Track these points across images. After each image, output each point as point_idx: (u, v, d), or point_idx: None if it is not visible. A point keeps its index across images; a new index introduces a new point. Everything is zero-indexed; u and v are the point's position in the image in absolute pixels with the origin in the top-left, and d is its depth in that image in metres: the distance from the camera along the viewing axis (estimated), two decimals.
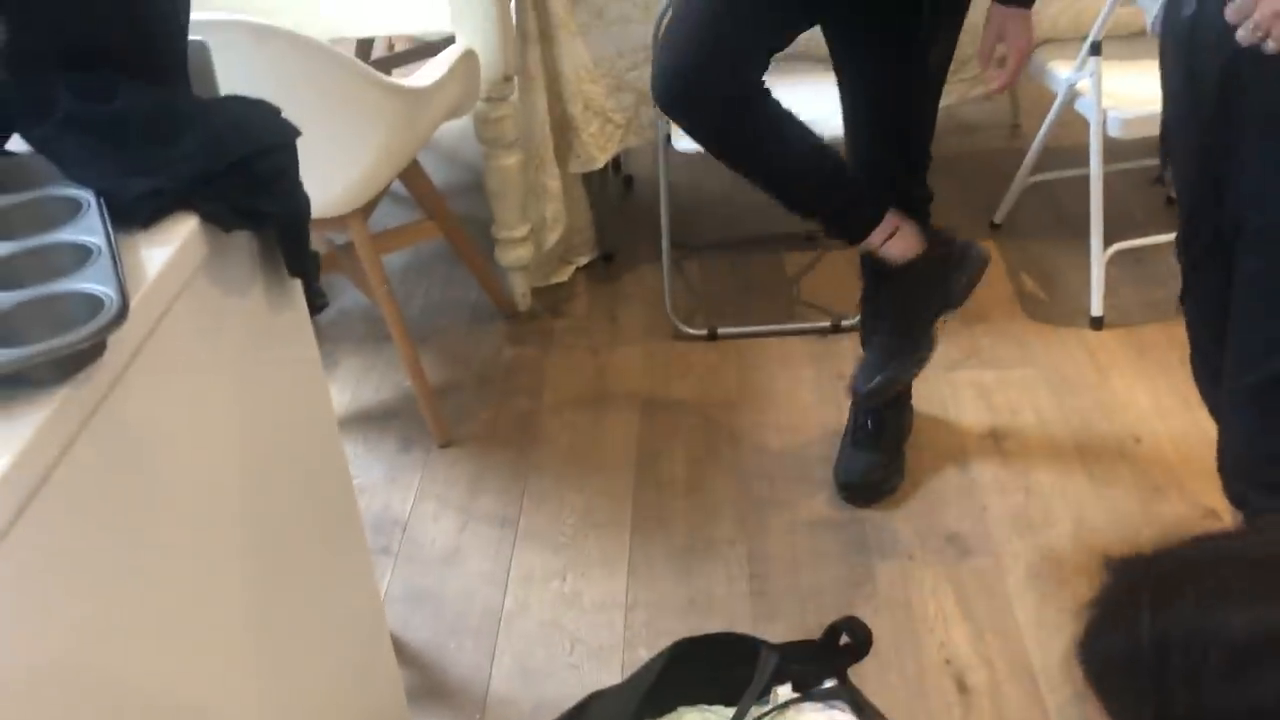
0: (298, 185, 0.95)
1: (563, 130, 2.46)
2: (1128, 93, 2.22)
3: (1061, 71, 2.33)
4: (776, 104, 1.69)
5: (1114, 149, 2.27)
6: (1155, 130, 1.40)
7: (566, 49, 2.36)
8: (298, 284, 1.09)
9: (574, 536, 1.95)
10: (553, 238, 2.53)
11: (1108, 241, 2.34)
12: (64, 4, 0.91)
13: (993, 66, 1.76)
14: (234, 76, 1.09)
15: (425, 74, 2.01)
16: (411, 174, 2.23)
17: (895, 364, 1.87)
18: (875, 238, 1.78)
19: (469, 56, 2.10)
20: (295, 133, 0.96)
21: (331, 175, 1.91)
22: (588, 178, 2.64)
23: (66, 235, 0.78)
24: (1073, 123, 2.37)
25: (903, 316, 1.89)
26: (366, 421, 2.26)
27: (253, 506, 1.00)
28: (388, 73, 3.08)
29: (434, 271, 2.74)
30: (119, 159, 0.85)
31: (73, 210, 0.81)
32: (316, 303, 1.14)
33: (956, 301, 1.89)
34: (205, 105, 0.95)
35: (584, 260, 2.69)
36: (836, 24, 1.75)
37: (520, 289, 2.54)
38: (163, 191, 0.83)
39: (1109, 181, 2.33)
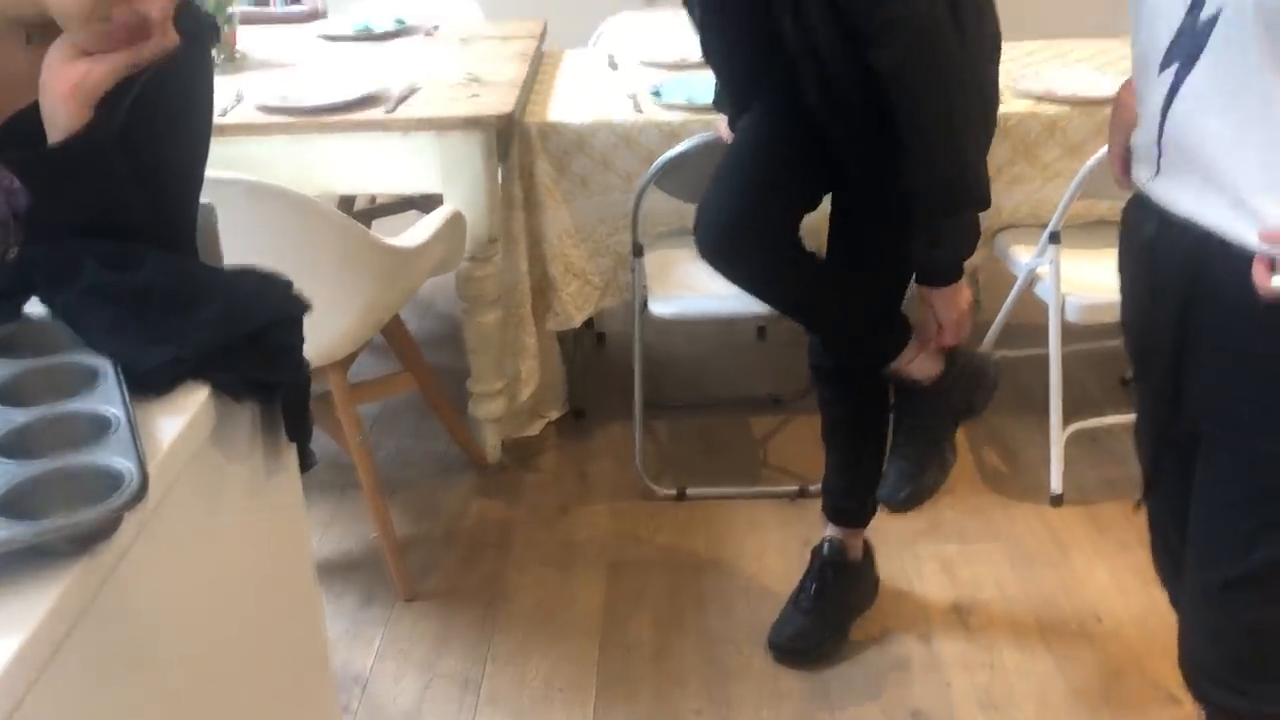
0: (303, 356, 0.98)
1: (542, 290, 2.52)
2: (1086, 279, 2.32)
3: (1022, 256, 2.43)
4: (808, 255, 1.80)
5: (1072, 329, 2.36)
6: (1113, 316, 1.45)
7: (551, 215, 2.44)
8: (293, 446, 1.11)
9: (537, 701, 1.92)
10: (526, 392, 2.57)
11: (1066, 420, 2.41)
12: (87, 177, 0.94)
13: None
14: (229, 231, 1.13)
15: (413, 234, 2.07)
16: (392, 326, 2.27)
17: (927, 475, 1.93)
18: (901, 361, 1.87)
19: (456, 219, 2.17)
20: (306, 307, 0.99)
21: (317, 329, 1.92)
22: (561, 334, 2.70)
23: (85, 405, 0.80)
24: (1032, 299, 2.47)
25: (930, 430, 1.95)
26: (329, 573, 2.24)
27: (236, 664, 0.99)
28: (369, 224, 3.16)
29: (404, 420, 2.76)
30: (139, 327, 0.87)
31: (90, 378, 0.83)
32: (307, 462, 1.15)
33: (977, 411, 1.97)
34: (223, 275, 0.98)
35: (555, 414, 2.72)
36: (848, 198, 1.87)
37: (491, 442, 2.56)
38: (181, 360, 0.85)
39: (1068, 361, 2.42)
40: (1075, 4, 3.95)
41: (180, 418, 0.84)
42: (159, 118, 0.99)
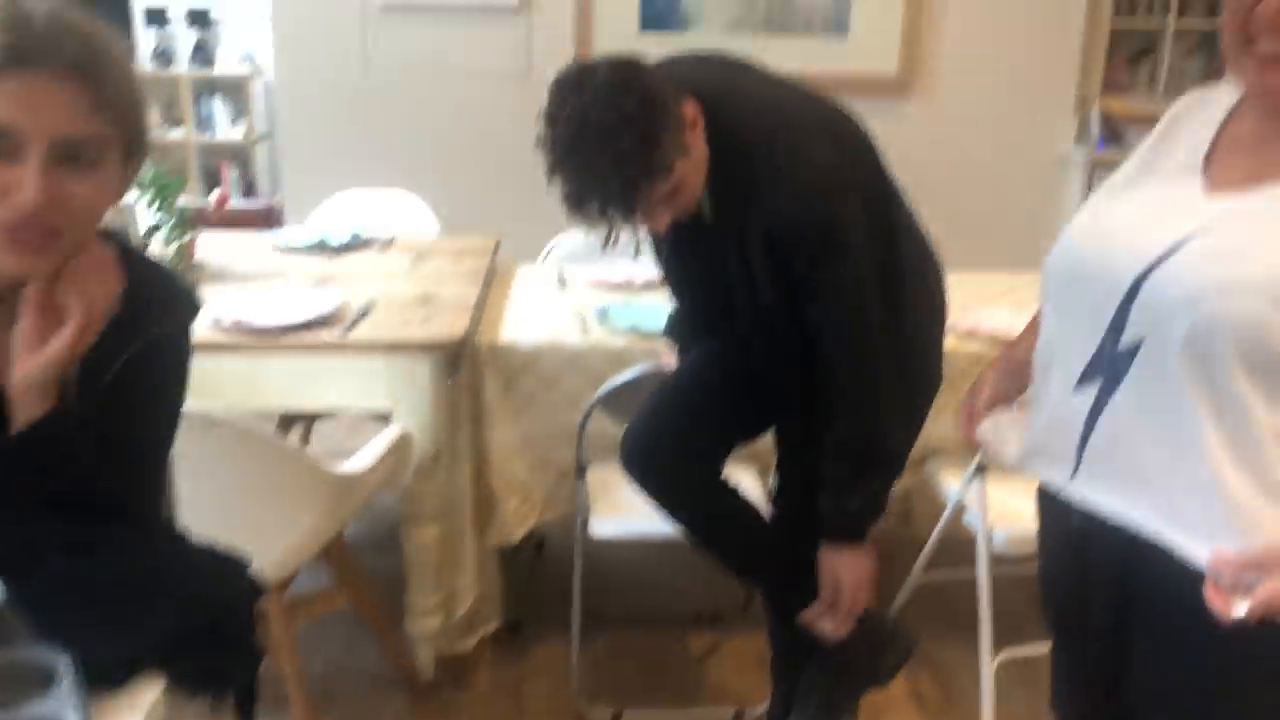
0: (256, 641, 0.99)
1: (483, 504, 2.54)
2: (1014, 509, 2.39)
3: (951, 483, 2.51)
4: (730, 490, 1.85)
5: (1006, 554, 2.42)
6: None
7: (496, 430, 2.49)
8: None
9: None
10: (463, 607, 2.56)
11: (997, 647, 2.45)
12: (48, 461, 0.97)
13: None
14: (180, 461, 1.15)
15: (360, 457, 2.10)
16: (331, 544, 2.27)
17: None
18: (810, 614, 1.88)
19: (404, 440, 2.21)
20: (262, 590, 1.01)
21: (259, 552, 1.94)
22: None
23: (41, 711, 0.81)
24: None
25: (831, 692, 1.95)
26: None
27: None
28: (311, 425, 3.17)
29: (337, 631, 2.72)
30: (98, 619, 0.89)
31: (47, 679, 0.84)
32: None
33: (883, 680, 1.97)
34: (182, 556, 1.01)
35: (491, 627, 2.70)
36: (788, 429, 1.96)
37: (425, 658, 2.53)
38: (138, 657, 0.87)
39: (999, 584, 2.46)
40: (996, 235, 4.20)
41: (134, 716, 0.86)
42: (136, 397, 1.03)
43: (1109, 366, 1.17)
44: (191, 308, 1.14)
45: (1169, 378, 1.12)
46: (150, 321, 1.02)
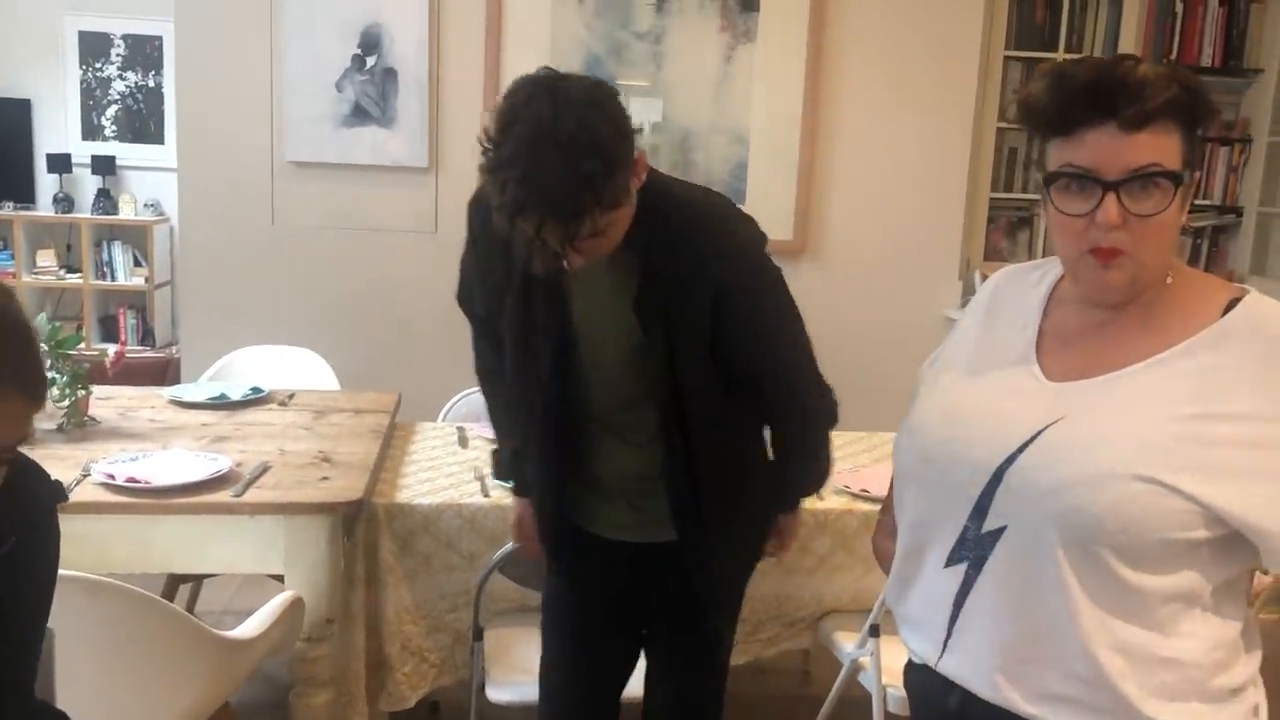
0: None
1: (377, 668, 2.49)
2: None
3: (846, 643, 2.54)
4: None
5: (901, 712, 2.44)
6: None
7: (391, 592, 2.46)
8: None
9: None
10: None
11: None
12: None
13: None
14: (67, 628, 1.14)
15: (251, 623, 2.06)
16: (218, 712, 2.19)
17: None
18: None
19: (296, 604, 2.17)
20: None
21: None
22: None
23: None
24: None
25: None
26: None
27: None
28: (200, 585, 3.08)
29: None
30: None
31: None
32: None
33: None
34: None
35: None
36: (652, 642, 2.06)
37: None
38: None
39: None
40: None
41: None
42: (5, 590, 1.02)
43: (975, 548, 1.23)
44: (60, 498, 1.17)
45: (1036, 561, 1.18)
46: (20, 518, 1.04)
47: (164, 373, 4.56)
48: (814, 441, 1.99)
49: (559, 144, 1.48)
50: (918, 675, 1.39)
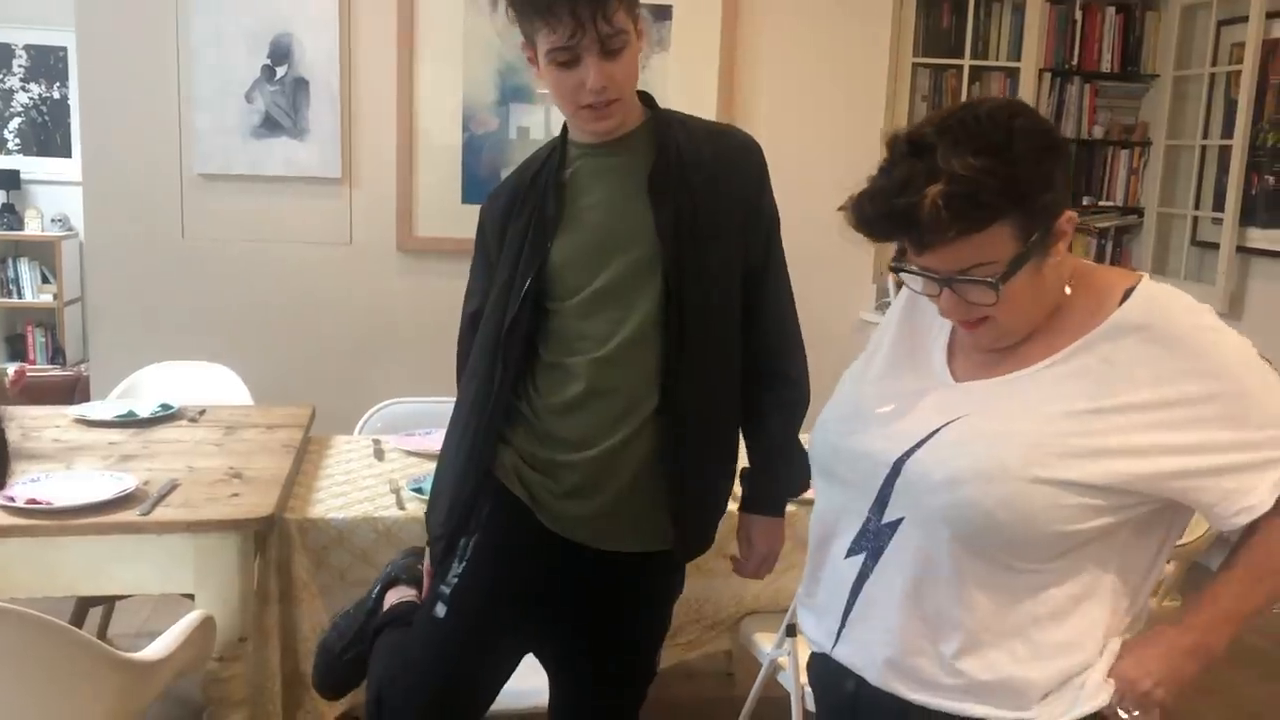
0: None
1: (292, 686, 2.45)
2: None
3: (764, 644, 2.57)
4: None
5: None
6: None
7: (305, 608, 2.43)
8: None
9: None
10: None
11: None
12: None
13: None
14: None
15: (158, 643, 2.02)
16: None
17: None
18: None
19: (206, 623, 2.13)
20: None
21: None
22: None
23: None
24: None
25: None
26: None
27: None
28: (113, 606, 3.02)
29: None
30: None
31: None
32: None
33: None
34: None
35: None
36: (559, 625, 1.95)
37: None
38: None
39: None
40: None
41: None
42: None
43: (873, 539, 1.26)
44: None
45: (930, 553, 1.22)
46: None
47: (72, 391, 4.46)
48: (800, 418, 1.93)
49: None
50: (819, 663, 1.42)
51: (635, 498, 1.80)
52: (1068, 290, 1.27)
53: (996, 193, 1.14)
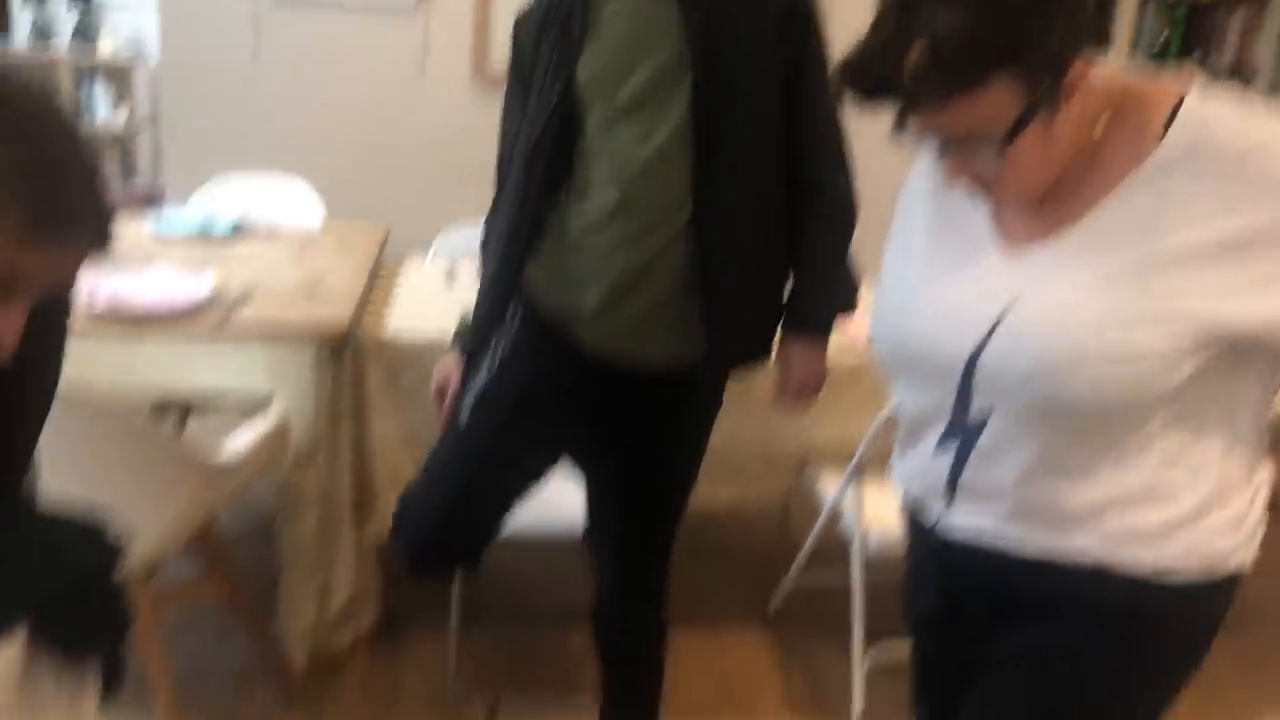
0: (123, 605, 0.97)
1: (363, 498, 2.51)
2: (890, 514, 2.45)
3: (827, 489, 2.57)
4: None
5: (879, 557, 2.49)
6: None
7: (378, 424, 2.46)
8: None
9: None
10: (338, 601, 2.52)
11: (869, 647, 2.51)
12: None
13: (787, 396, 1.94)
14: (46, 442, 1.12)
15: (234, 444, 2.06)
16: (201, 533, 2.21)
17: None
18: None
19: (281, 428, 2.17)
20: (123, 551, 0.99)
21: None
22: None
23: None
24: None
25: None
26: None
27: None
28: (188, 413, 3.08)
29: (206, 622, 2.64)
30: None
31: None
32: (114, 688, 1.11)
33: None
34: (34, 519, 0.98)
35: (367, 622, 2.66)
36: (586, 449, 1.96)
37: (298, 654, 2.48)
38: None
39: (872, 588, 2.53)
40: None
41: None
42: (24, 369, 0.99)
43: (964, 432, 1.22)
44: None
45: (1025, 437, 1.19)
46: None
47: (147, 208, 4.48)
48: (844, 235, 1.86)
49: None
50: (915, 519, 1.40)
51: (666, 311, 1.77)
52: (1098, 131, 1.15)
53: (986, 47, 1.03)
